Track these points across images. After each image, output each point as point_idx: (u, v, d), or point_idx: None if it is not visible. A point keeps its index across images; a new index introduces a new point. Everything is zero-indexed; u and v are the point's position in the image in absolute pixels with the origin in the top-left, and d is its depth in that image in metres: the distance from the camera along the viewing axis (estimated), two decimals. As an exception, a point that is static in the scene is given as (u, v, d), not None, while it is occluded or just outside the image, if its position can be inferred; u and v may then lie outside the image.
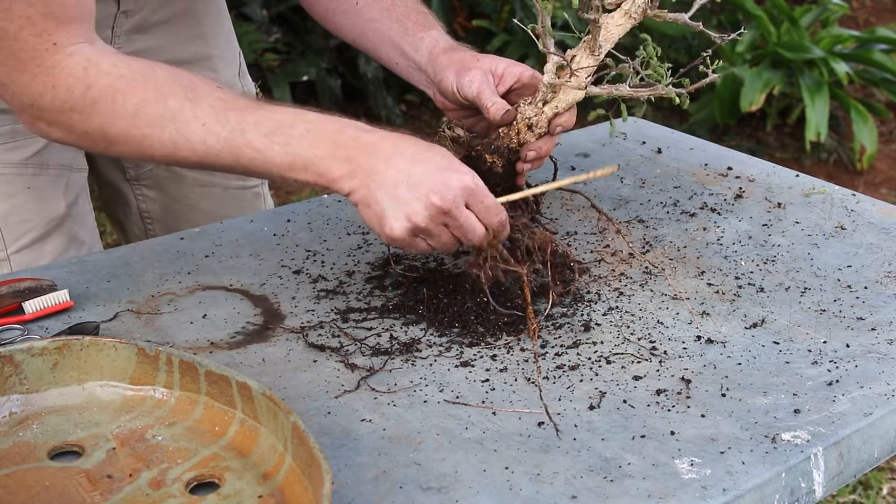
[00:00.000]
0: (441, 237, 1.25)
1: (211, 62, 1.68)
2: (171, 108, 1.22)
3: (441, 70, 1.41)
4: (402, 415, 1.15)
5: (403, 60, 1.49)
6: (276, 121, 1.22)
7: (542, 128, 1.36)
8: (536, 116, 1.36)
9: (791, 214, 1.60)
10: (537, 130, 1.36)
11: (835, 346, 1.28)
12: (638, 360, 1.25)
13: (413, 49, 1.47)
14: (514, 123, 1.36)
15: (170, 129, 1.22)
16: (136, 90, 1.22)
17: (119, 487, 1.02)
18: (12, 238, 1.51)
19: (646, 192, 1.67)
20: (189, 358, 1.11)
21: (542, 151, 1.37)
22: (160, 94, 1.22)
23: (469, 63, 1.39)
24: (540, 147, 1.36)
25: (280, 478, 1.03)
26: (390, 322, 1.32)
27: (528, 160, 1.36)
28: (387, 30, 1.49)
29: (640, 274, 1.44)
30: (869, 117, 4.18)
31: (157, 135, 1.23)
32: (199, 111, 1.22)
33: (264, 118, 1.22)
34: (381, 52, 1.52)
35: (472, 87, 1.37)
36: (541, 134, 1.36)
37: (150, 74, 1.23)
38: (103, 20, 1.53)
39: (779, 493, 1.08)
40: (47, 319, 1.30)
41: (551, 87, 1.35)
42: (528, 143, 1.36)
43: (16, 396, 1.11)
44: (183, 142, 1.23)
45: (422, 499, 1.03)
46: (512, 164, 1.37)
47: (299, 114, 1.24)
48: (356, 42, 1.56)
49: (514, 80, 1.39)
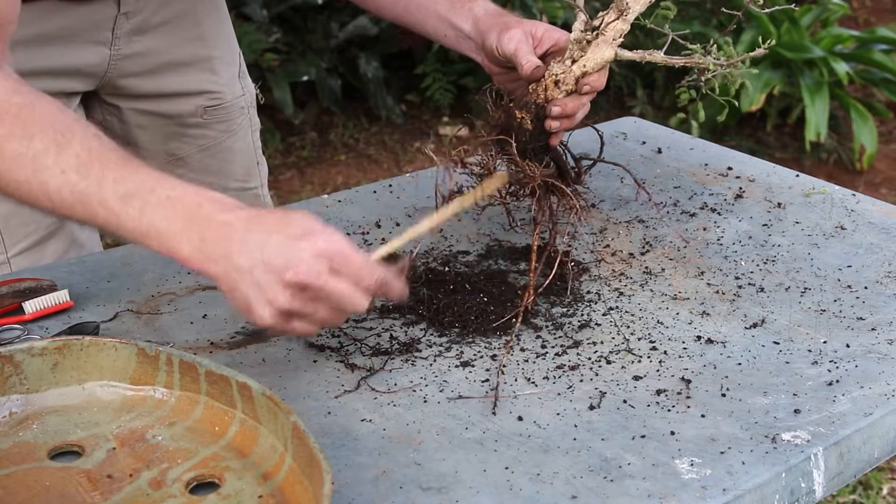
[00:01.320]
0: (317, 314, 1.12)
1: (211, 63, 1.68)
2: (35, 149, 1.14)
3: (485, 31, 1.45)
4: (402, 415, 1.15)
5: (452, 31, 1.51)
6: (136, 182, 1.13)
7: (570, 85, 1.38)
8: (564, 74, 1.37)
9: (791, 214, 1.60)
10: (564, 87, 1.38)
11: (835, 346, 1.28)
12: (638, 360, 1.25)
13: (463, 20, 1.50)
14: (543, 80, 1.38)
15: (27, 170, 1.14)
16: (4, 122, 1.14)
17: (119, 487, 1.02)
18: (12, 241, 1.51)
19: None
20: (189, 358, 1.11)
21: (566, 108, 1.37)
22: (27, 132, 1.14)
23: (511, 24, 1.43)
24: (565, 104, 1.37)
25: (280, 478, 1.03)
26: (390, 322, 1.32)
27: (554, 116, 1.37)
28: (432, 4, 1.53)
29: (640, 274, 1.44)
30: (869, 117, 4.18)
31: (14, 173, 1.15)
32: (62, 158, 1.13)
33: (125, 177, 1.13)
34: (427, 26, 1.55)
35: (510, 45, 1.40)
36: (568, 91, 1.38)
37: (26, 109, 1.16)
38: (103, 22, 1.53)
39: (779, 493, 1.08)
40: (47, 319, 1.30)
41: (578, 45, 1.37)
42: (554, 100, 1.38)
43: (16, 396, 1.11)
44: (38, 185, 1.14)
45: (422, 499, 1.03)
46: (541, 121, 1.38)
47: (163, 179, 1.13)
48: (398, 18, 1.59)
49: (552, 43, 1.42)
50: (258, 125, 1.81)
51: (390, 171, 4.11)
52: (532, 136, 1.38)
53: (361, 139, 4.35)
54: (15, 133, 1.14)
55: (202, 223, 1.11)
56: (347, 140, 4.33)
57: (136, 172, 1.13)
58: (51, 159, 1.14)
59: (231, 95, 1.72)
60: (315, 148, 4.27)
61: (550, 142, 1.40)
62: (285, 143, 4.25)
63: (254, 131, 1.79)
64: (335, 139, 4.33)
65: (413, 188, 1.64)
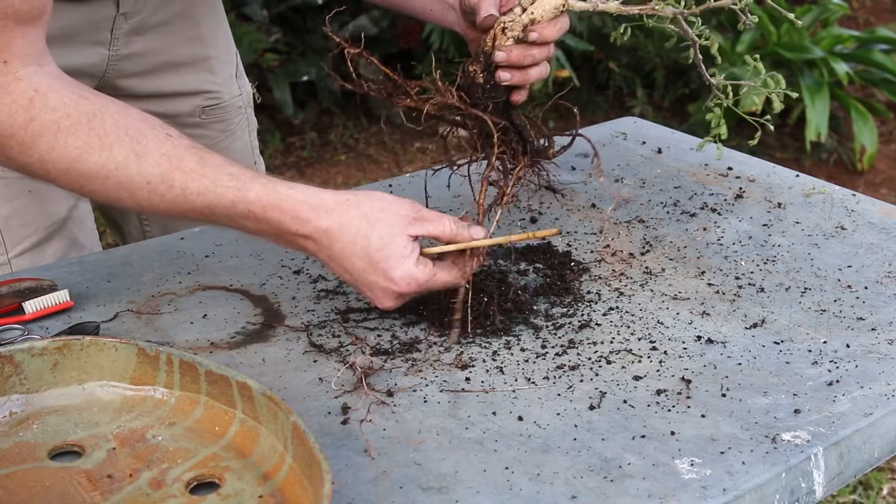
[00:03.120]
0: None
1: (208, 63, 1.68)
2: (116, 160, 1.19)
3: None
4: (402, 415, 1.15)
5: (438, 5, 1.51)
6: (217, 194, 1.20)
7: (516, 32, 1.34)
8: (512, 21, 1.34)
9: (791, 214, 1.60)
10: (510, 34, 1.34)
11: (835, 346, 1.28)
12: (638, 360, 1.25)
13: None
14: (492, 29, 1.35)
15: (113, 180, 1.19)
16: (79, 133, 1.18)
17: (119, 487, 1.02)
18: (13, 242, 1.51)
19: (646, 192, 1.67)
20: (189, 358, 1.11)
21: (511, 56, 1.33)
22: (105, 143, 1.18)
23: None
24: (510, 51, 1.33)
25: (280, 478, 1.03)
26: (390, 322, 1.32)
27: (500, 64, 1.33)
28: None
29: (640, 274, 1.44)
30: (869, 117, 4.18)
31: (100, 184, 1.20)
32: (144, 168, 1.19)
33: (207, 189, 1.20)
34: (414, 4, 1.55)
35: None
36: (516, 39, 1.34)
37: (97, 118, 1.19)
38: (102, 22, 1.53)
39: (779, 493, 1.08)
40: (47, 319, 1.30)
41: None
42: (500, 47, 1.34)
43: (16, 396, 1.11)
44: (127, 196, 1.21)
45: (422, 499, 1.03)
46: (492, 74, 1.34)
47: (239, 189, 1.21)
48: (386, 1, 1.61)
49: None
50: (255, 125, 1.81)
51: (390, 171, 4.11)
52: (485, 90, 1.34)
53: (361, 139, 4.35)
54: (93, 145, 1.18)
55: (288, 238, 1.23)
56: (347, 140, 4.33)
57: (215, 182, 1.20)
58: (134, 170, 1.19)
59: (228, 95, 1.72)
60: (315, 148, 4.27)
61: (512, 98, 1.36)
62: (285, 143, 4.25)
63: (251, 131, 1.79)
64: (335, 139, 4.33)
65: (413, 188, 1.64)
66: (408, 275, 1.21)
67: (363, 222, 1.20)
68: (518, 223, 1.56)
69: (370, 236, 1.20)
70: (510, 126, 1.36)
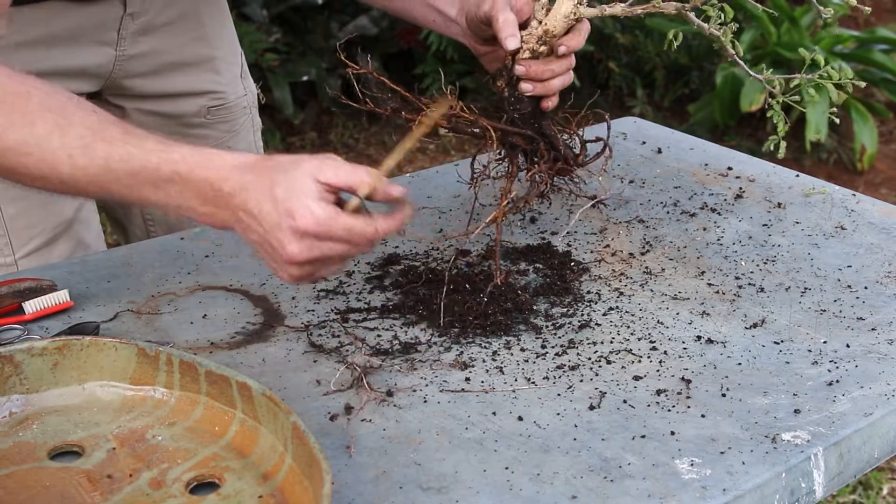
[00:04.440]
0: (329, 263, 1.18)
1: (214, 63, 1.69)
2: (37, 134, 1.16)
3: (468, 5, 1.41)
4: (402, 415, 1.15)
5: (440, 17, 1.51)
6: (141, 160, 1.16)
7: (532, 44, 1.34)
8: (528, 35, 1.34)
9: (791, 214, 1.60)
10: (527, 48, 1.34)
11: (835, 346, 1.28)
12: (638, 360, 1.25)
13: (448, 5, 1.48)
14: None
15: (35, 156, 1.16)
16: (2, 111, 1.16)
17: (119, 487, 1.02)
18: (20, 243, 1.51)
19: (646, 192, 1.67)
20: (189, 358, 1.11)
21: (531, 70, 1.33)
22: (27, 119, 1.16)
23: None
24: (529, 65, 1.33)
25: (280, 478, 1.03)
26: (390, 322, 1.32)
27: (522, 77, 1.33)
28: None
29: (640, 274, 1.44)
30: (869, 117, 4.18)
31: (21, 160, 1.17)
32: (66, 140, 1.16)
33: (132, 154, 1.16)
34: (415, 13, 1.55)
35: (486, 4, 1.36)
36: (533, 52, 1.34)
37: (21, 97, 1.17)
38: (110, 22, 1.53)
39: (779, 493, 1.08)
40: (47, 319, 1.30)
41: (541, 4, 1.34)
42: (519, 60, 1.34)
43: (16, 396, 1.11)
44: (49, 170, 1.17)
45: (422, 499, 1.03)
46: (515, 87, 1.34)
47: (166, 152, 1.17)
48: (387, 6, 1.60)
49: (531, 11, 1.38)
50: (260, 125, 1.81)
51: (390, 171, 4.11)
52: (511, 103, 1.34)
53: (361, 139, 4.35)
54: (15, 122, 1.16)
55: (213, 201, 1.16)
56: (347, 140, 4.34)
57: (140, 147, 1.16)
58: (56, 143, 1.16)
59: (234, 95, 1.73)
60: (315, 148, 4.27)
61: (542, 105, 1.36)
62: (285, 143, 4.25)
63: (255, 131, 1.80)
64: (335, 139, 4.33)
65: (413, 188, 1.64)
66: (306, 208, 1.13)
67: (278, 172, 1.17)
68: (518, 223, 1.56)
69: (282, 182, 1.16)
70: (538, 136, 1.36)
